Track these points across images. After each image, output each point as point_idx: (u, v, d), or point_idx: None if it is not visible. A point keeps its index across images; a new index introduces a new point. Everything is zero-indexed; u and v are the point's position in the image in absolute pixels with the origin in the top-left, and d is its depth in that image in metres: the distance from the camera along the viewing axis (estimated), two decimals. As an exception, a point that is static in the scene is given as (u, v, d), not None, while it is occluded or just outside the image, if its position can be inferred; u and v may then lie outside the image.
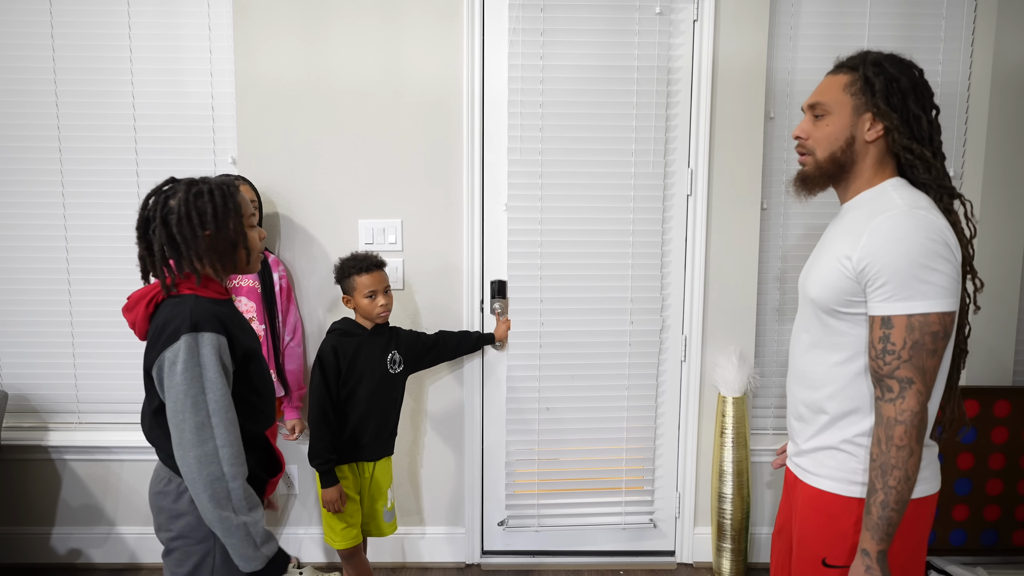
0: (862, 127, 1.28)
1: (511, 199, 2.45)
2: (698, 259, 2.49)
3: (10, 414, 2.60)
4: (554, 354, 2.51)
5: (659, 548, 2.66)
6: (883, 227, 1.18)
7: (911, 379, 1.17)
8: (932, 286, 1.16)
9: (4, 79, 2.48)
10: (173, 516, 1.37)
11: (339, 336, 2.07)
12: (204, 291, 1.38)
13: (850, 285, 1.23)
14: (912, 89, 1.25)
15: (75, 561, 2.61)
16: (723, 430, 2.47)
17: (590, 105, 2.42)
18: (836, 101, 1.30)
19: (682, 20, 2.42)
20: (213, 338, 1.32)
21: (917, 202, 1.21)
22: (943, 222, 1.19)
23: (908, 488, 1.16)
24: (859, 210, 1.28)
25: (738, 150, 2.47)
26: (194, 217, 1.33)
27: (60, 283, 2.57)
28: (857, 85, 1.28)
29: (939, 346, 1.17)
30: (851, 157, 1.30)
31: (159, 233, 1.34)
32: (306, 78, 2.42)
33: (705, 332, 2.54)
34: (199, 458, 1.29)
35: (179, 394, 1.28)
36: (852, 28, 2.49)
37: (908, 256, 1.16)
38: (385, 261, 2.13)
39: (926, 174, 1.26)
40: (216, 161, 2.52)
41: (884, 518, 1.17)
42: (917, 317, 1.16)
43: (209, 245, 1.36)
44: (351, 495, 2.08)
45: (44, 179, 2.52)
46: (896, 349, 1.17)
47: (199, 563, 1.37)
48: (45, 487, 2.59)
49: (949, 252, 1.17)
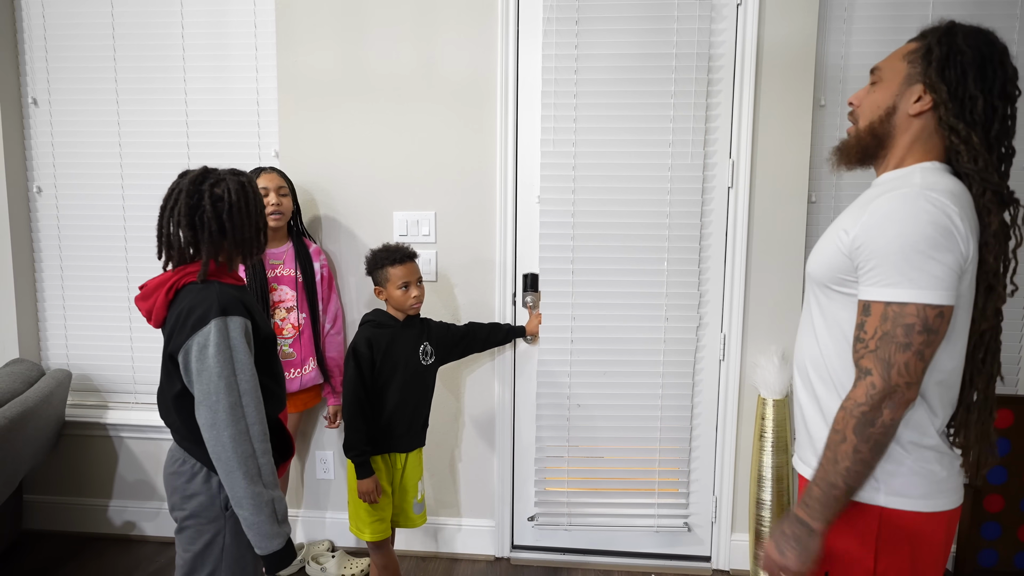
0: (908, 98, 1.16)
1: (543, 191, 2.41)
2: (739, 254, 2.39)
3: (74, 392, 2.78)
4: (586, 349, 2.46)
5: (694, 553, 2.57)
6: (885, 206, 1.08)
7: (869, 370, 1.09)
8: (921, 274, 1.05)
9: (70, 77, 2.64)
10: (186, 496, 1.42)
11: (373, 328, 2.08)
12: (224, 277, 1.43)
13: (844, 262, 1.14)
14: (977, 65, 1.11)
15: (129, 533, 2.77)
16: (763, 433, 2.36)
17: (625, 95, 2.36)
18: (891, 68, 1.19)
19: (725, 4, 2.32)
20: (241, 322, 1.37)
21: (936, 185, 1.08)
22: (956, 208, 1.06)
23: (835, 472, 1.11)
24: (878, 187, 1.18)
25: (784, 140, 2.35)
26: (243, 206, 1.42)
27: (120, 270, 2.72)
28: (919, 53, 1.16)
29: (914, 340, 1.06)
30: (889, 130, 1.18)
31: (208, 220, 1.40)
32: (343, 73, 2.47)
33: (745, 331, 2.43)
34: (234, 437, 1.33)
35: (213, 376, 1.33)
36: (914, 7, 2.31)
37: (901, 239, 1.05)
38: (417, 252, 2.13)
39: (971, 163, 1.11)
40: (261, 155, 2.60)
41: (809, 489, 1.14)
42: (894, 306, 1.07)
43: (248, 232, 1.45)
44: (384, 486, 2.09)
45: (105, 171, 2.68)
46: (866, 338, 1.09)
47: (210, 541, 1.42)
48: (104, 462, 2.76)
49: (953, 242, 1.05)
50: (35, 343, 2.77)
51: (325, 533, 2.68)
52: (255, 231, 1.46)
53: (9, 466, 2.29)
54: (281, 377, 1.54)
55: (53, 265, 2.74)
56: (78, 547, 2.69)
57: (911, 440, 1.13)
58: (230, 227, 1.41)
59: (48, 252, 2.74)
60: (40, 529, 2.81)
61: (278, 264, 2.31)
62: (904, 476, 1.13)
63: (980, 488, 2.34)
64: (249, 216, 1.44)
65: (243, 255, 1.48)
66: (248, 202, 1.44)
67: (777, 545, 1.15)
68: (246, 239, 1.45)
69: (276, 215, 2.25)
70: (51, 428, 2.54)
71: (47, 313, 2.77)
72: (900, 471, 1.13)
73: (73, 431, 2.74)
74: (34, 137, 2.69)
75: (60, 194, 2.70)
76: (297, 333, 2.31)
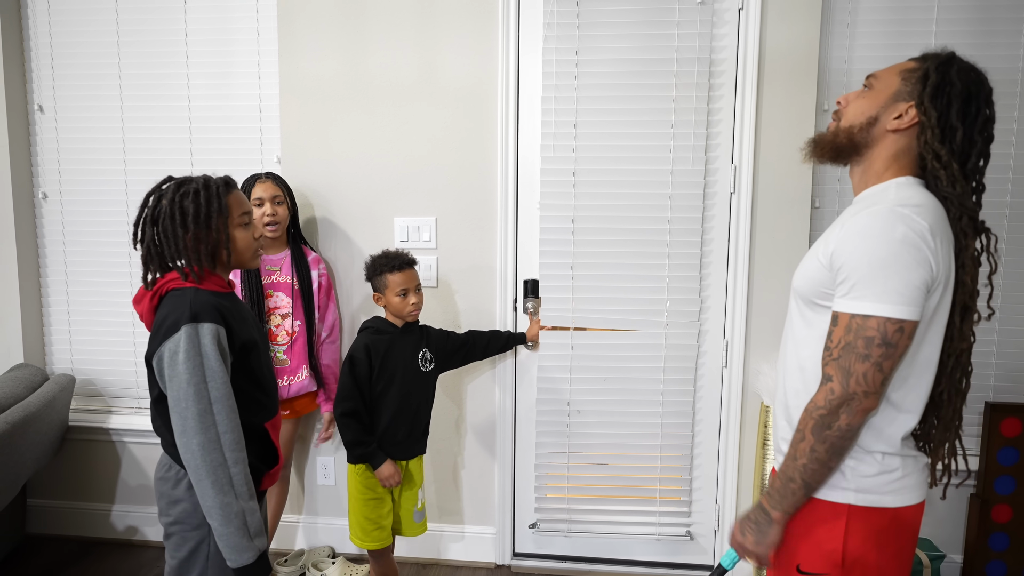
0: (891, 113, 1.21)
1: (544, 197, 2.41)
2: (741, 260, 2.37)
3: (78, 397, 2.80)
4: (586, 355, 2.44)
5: (696, 562, 2.55)
6: (860, 222, 1.12)
7: (830, 376, 1.14)
8: (885, 290, 1.09)
9: (76, 84, 2.67)
10: (172, 502, 1.42)
11: (371, 335, 2.07)
12: (205, 284, 1.42)
13: (825, 276, 1.18)
14: (964, 99, 1.17)
15: (132, 538, 2.78)
16: (765, 441, 2.34)
17: (626, 100, 2.35)
18: (886, 80, 1.24)
19: (726, 9, 2.31)
20: (212, 328, 1.36)
21: (909, 200, 1.13)
22: (927, 224, 1.10)
23: (793, 467, 1.18)
24: (857, 204, 1.23)
25: (786, 145, 2.33)
26: (177, 216, 1.38)
27: (123, 275, 2.74)
28: (916, 74, 1.21)
29: (873, 352, 1.10)
30: (866, 139, 1.23)
31: (147, 231, 1.40)
32: (345, 79, 2.48)
33: (748, 337, 2.40)
34: (202, 444, 1.32)
35: (182, 383, 1.32)
36: (919, 11, 2.29)
37: (870, 255, 1.10)
38: (416, 259, 2.12)
39: (950, 187, 1.17)
40: (263, 160, 2.62)
41: (772, 480, 1.25)
42: (857, 318, 1.12)
43: (190, 244, 1.39)
44: (384, 494, 2.08)
45: (110, 177, 2.70)
46: (831, 347, 1.15)
47: (195, 548, 1.41)
48: (107, 467, 2.77)
49: (922, 258, 1.09)
50: (39, 348, 2.79)
51: (326, 539, 2.68)
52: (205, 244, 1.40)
53: (12, 470, 2.31)
54: (270, 384, 1.53)
55: (58, 271, 2.76)
56: (81, 552, 2.70)
57: (879, 448, 1.18)
58: (163, 238, 1.39)
59: (53, 258, 2.76)
60: (43, 533, 2.82)
61: (275, 271, 2.31)
62: (871, 477, 1.18)
63: (987, 498, 2.30)
64: (186, 227, 1.38)
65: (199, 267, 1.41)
66: (184, 214, 1.38)
67: (741, 526, 1.27)
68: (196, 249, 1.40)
69: (272, 225, 2.26)
70: (54, 432, 2.55)
71: (52, 319, 2.79)
72: (868, 471, 1.18)
73: (76, 436, 2.75)
74: (40, 144, 2.71)
75: (65, 200, 2.72)
76: (291, 340, 2.31)
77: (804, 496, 1.19)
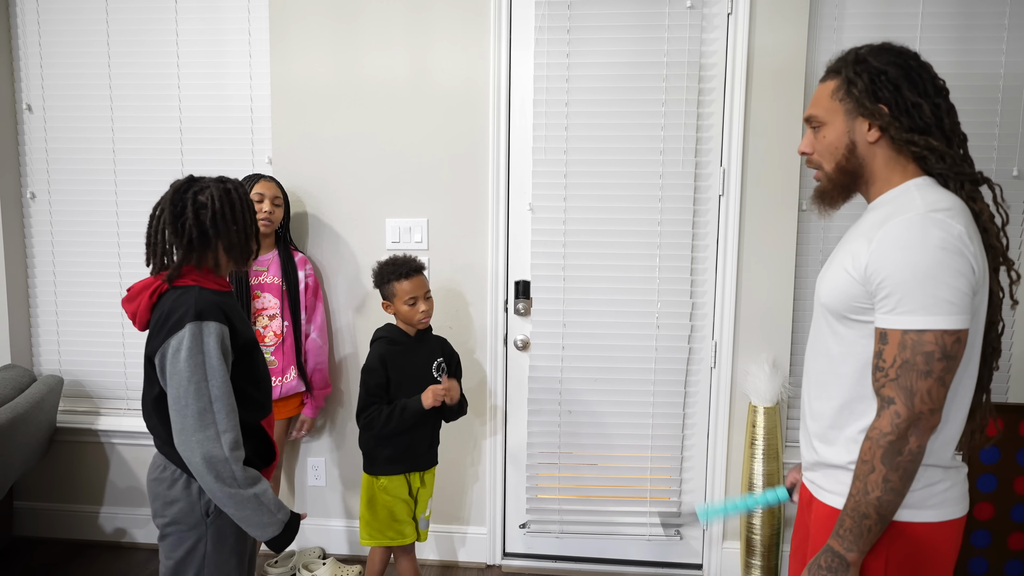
0: (860, 130, 1.20)
1: (535, 199, 2.42)
2: (730, 262, 2.39)
3: (66, 398, 2.78)
4: (576, 356, 2.46)
5: (686, 561, 2.57)
6: (893, 232, 1.09)
7: (892, 399, 1.10)
8: (936, 301, 1.06)
9: (65, 84, 2.65)
10: (167, 502, 1.42)
11: (385, 345, 2.03)
12: (206, 282, 1.43)
13: (858, 290, 1.15)
14: (905, 77, 1.16)
15: (120, 540, 2.76)
16: (753, 441, 2.36)
17: (617, 103, 2.37)
18: (827, 110, 1.23)
19: (716, 14, 2.34)
20: (216, 327, 1.37)
21: (938, 203, 1.11)
22: (962, 228, 1.08)
23: (867, 502, 1.11)
24: (879, 210, 1.19)
25: (775, 149, 2.36)
26: (227, 212, 1.43)
27: (113, 276, 2.72)
28: (843, 89, 1.20)
29: (935, 367, 1.07)
30: (858, 163, 1.22)
31: (189, 227, 1.41)
32: (337, 81, 2.48)
33: (736, 338, 2.43)
34: (201, 442, 1.33)
35: (183, 380, 1.33)
36: (903, 17, 2.33)
37: (913, 267, 1.07)
38: (424, 264, 2.07)
39: (939, 163, 1.16)
40: (254, 161, 2.61)
41: (841, 520, 1.15)
42: (911, 334, 1.08)
43: (235, 238, 1.46)
44: (408, 499, 2.07)
45: (99, 177, 2.68)
46: (885, 367, 1.10)
47: (192, 548, 1.42)
48: (95, 468, 2.75)
49: (964, 263, 1.07)
50: (27, 349, 2.77)
51: (316, 540, 2.67)
52: (243, 237, 1.48)
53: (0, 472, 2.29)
54: (266, 384, 1.54)
55: (46, 271, 2.74)
56: (69, 554, 2.68)
57: (928, 462, 1.15)
58: (213, 234, 1.43)
59: (41, 258, 2.74)
60: (31, 536, 2.80)
61: (262, 271, 2.31)
62: (914, 491, 1.14)
63: (971, 497, 2.34)
64: (235, 222, 1.45)
65: (233, 261, 1.49)
66: (233, 208, 1.45)
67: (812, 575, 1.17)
68: (233, 245, 1.46)
69: (265, 222, 2.26)
70: (42, 434, 2.54)
71: (40, 319, 2.77)
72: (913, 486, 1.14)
73: (64, 437, 2.73)
74: (28, 143, 2.69)
75: (54, 200, 2.71)
76: (279, 341, 2.31)
77: (880, 531, 1.12)
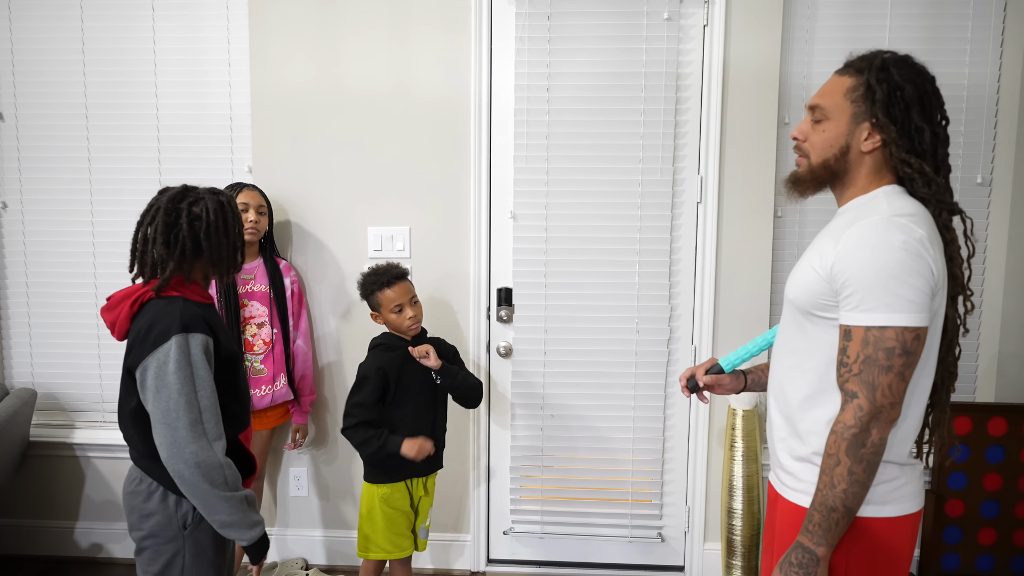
0: (859, 136, 1.23)
1: (517, 207, 2.45)
2: (708, 268, 2.44)
3: (39, 412, 2.72)
4: (559, 361, 2.49)
5: (668, 563, 2.60)
6: (857, 234, 1.14)
7: (855, 393, 1.13)
8: (897, 298, 1.10)
9: (38, 91, 2.61)
10: (144, 515, 1.40)
11: (383, 352, 2.01)
12: (190, 294, 1.42)
13: (824, 288, 1.19)
14: (918, 99, 1.19)
15: (96, 555, 2.71)
16: (733, 443, 2.41)
17: (597, 112, 2.41)
18: (835, 106, 1.24)
19: (692, 25, 2.39)
20: (202, 339, 1.37)
21: (902, 209, 1.16)
22: (924, 232, 1.13)
23: (833, 495, 1.14)
24: (848, 214, 1.24)
25: (750, 156, 2.41)
26: (221, 226, 1.44)
27: (87, 287, 2.68)
28: (859, 92, 1.22)
29: (895, 363, 1.11)
30: (845, 166, 1.25)
31: (183, 238, 1.40)
32: (318, 89, 2.48)
33: (715, 342, 2.48)
34: (195, 453, 1.33)
35: (172, 394, 1.32)
36: (872, 30, 2.41)
37: (875, 266, 1.11)
38: (407, 270, 2.07)
39: (925, 188, 1.20)
40: (234, 170, 2.60)
41: (810, 515, 1.17)
42: (874, 331, 1.12)
43: (225, 251, 1.46)
44: (408, 512, 2.06)
45: (74, 187, 2.64)
46: (849, 362, 1.14)
47: (169, 562, 1.40)
48: (70, 483, 2.70)
49: (924, 265, 1.11)
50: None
51: (298, 551, 2.65)
52: (232, 250, 1.48)
53: (-29, 488, 2.24)
54: (245, 398, 1.53)
55: (19, 282, 2.69)
56: (44, 571, 2.62)
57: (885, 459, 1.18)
58: (206, 246, 1.43)
59: (13, 268, 2.68)
60: (5, 553, 2.72)
61: (249, 279, 2.30)
62: (873, 487, 1.17)
63: (942, 494, 2.41)
64: (227, 235, 1.46)
65: (218, 273, 1.49)
66: (226, 221, 1.46)
67: (784, 572, 1.18)
68: (222, 258, 1.46)
69: (251, 231, 2.25)
70: (15, 449, 2.48)
71: (12, 331, 2.71)
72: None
73: (38, 451, 2.68)
74: (1, 152, 2.64)
75: (27, 210, 2.66)
76: (268, 349, 2.30)
77: (847, 524, 1.15)
